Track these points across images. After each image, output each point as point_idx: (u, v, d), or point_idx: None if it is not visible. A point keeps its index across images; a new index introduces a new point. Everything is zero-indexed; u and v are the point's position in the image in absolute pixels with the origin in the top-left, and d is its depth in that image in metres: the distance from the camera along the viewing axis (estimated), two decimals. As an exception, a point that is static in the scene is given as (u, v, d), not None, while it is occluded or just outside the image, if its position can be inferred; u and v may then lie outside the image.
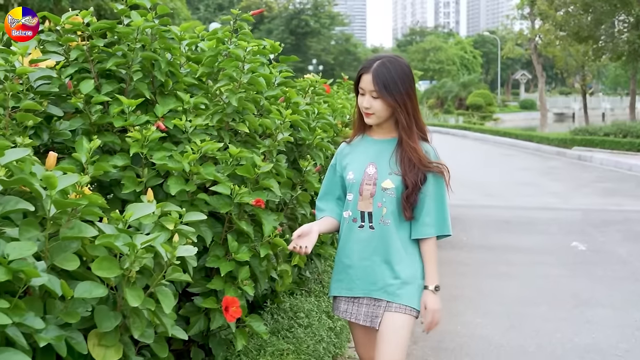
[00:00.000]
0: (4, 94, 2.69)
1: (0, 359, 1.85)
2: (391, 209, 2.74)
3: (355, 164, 2.84)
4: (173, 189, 2.88)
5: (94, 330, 2.30)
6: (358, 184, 2.78)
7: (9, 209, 2.10)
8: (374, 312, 2.78)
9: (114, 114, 3.11)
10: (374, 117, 2.76)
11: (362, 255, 2.78)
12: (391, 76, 2.68)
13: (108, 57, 3.33)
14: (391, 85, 2.67)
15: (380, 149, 2.83)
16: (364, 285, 2.79)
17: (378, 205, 2.75)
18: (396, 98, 2.68)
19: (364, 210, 2.77)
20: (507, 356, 4.72)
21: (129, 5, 3.47)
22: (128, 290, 2.26)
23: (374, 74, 2.68)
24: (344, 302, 2.87)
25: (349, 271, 2.82)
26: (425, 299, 2.78)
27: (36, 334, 2.03)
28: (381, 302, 2.76)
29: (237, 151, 3.08)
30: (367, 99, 2.72)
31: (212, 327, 2.95)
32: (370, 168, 2.79)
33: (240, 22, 3.57)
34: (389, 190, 2.74)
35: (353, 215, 2.80)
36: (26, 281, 2.02)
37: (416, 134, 2.76)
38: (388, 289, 2.75)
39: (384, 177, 2.75)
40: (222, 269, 2.91)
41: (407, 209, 2.73)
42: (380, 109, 2.72)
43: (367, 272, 2.78)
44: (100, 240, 2.25)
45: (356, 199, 2.79)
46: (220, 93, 3.39)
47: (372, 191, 2.76)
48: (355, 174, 2.80)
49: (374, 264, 2.76)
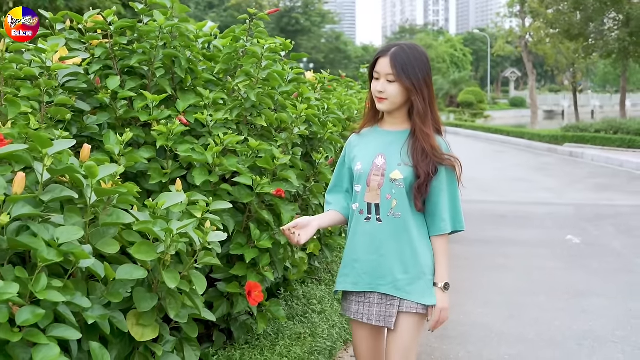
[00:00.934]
0: (39, 90, 2.82)
1: (55, 334, 2.00)
2: (401, 201, 2.64)
3: (364, 154, 2.74)
4: (198, 180, 3.03)
5: (132, 310, 2.45)
6: (366, 174, 2.69)
7: (55, 197, 2.24)
8: (386, 311, 2.67)
9: (138, 108, 3.25)
10: (386, 103, 2.65)
11: (369, 248, 2.69)
12: (409, 60, 2.59)
13: (130, 55, 3.48)
14: (409, 68, 2.58)
15: (391, 140, 2.72)
16: (371, 280, 2.68)
17: (387, 197, 2.64)
18: (413, 82, 2.59)
19: (371, 202, 2.68)
20: (508, 343, 4.88)
21: (148, 5, 3.61)
22: (165, 273, 2.40)
23: (392, 57, 2.60)
24: (355, 303, 2.74)
25: (355, 265, 2.72)
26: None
27: (84, 312, 2.18)
28: (393, 300, 2.66)
29: (257, 144, 3.22)
30: (381, 83, 2.62)
31: (235, 311, 3.10)
32: (378, 159, 2.69)
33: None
34: (398, 181, 2.63)
35: (360, 207, 2.71)
36: (75, 263, 2.17)
37: (431, 123, 2.66)
38: (397, 284, 2.65)
39: (393, 167, 2.65)
40: (246, 255, 3.06)
41: (418, 199, 2.63)
42: (395, 94, 2.61)
43: (373, 266, 2.68)
44: (139, 226, 2.39)
45: (364, 191, 2.69)
46: (238, 89, 3.53)
47: (380, 182, 2.66)
48: (364, 164, 2.71)
49: (382, 257, 2.66)
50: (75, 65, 3.22)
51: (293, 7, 77.09)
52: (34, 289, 1.97)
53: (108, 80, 3.25)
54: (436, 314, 2.67)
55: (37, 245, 2.02)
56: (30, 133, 2.22)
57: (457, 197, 2.75)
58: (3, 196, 2.00)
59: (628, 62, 26.80)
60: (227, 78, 3.64)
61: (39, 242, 2.03)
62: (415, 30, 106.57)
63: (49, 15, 3.63)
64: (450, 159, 2.69)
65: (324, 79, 4.48)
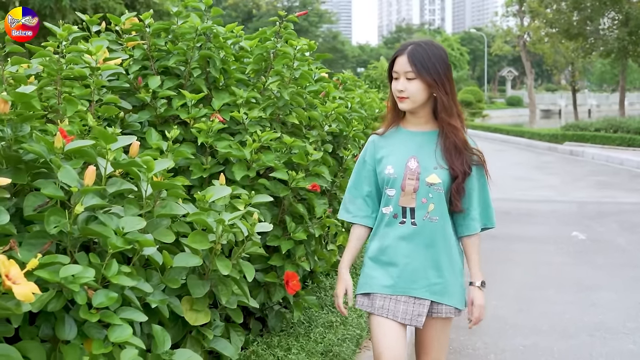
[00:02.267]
0: (90, 89, 2.97)
1: (124, 316, 2.14)
2: (438, 204, 2.61)
3: (394, 157, 2.67)
4: (238, 175, 3.18)
5: (186, 296, 2.60)
6: (400, 179, 2.62)
7: (118, 189, 2.40)
8: (415, 310, 2.63)
9: (177, 107, 3.40)
10: (408, 102, 2.60)
11: (404, 252, 2.63)
12: (427, 56, 2.56)
13: (166, 55, 3.63)
14: (428, 64, 2.55)
15: (421, 141, 2.67)
16: (405, 284, 2.63)
17: (422, 201, 2.60)
18: (434, 77, 2.55)
19: (406, 205, 2.63)
20: (522, 334, 5.04)
21: (184, 6, 3.76)
22: (218, 261, 2.56)
23: (410, 54, 2.57)
24: (380, 298, 2.67)
25: (389, 269, 2.66)
26: (472, 295, 2.71)
27: (147, 297, 2.33)
28: (424, 301, 2.63)
29: (291, 141, 3.38)
30: (401, 82, 2.58)
31: (272, 299, 3.25)
32: (411, 162, 2.63)
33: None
34: (436, 186, 2.60)
35: (394, 211, 2.65)
36: (139, 251, 2.32)
37: (456, 116, 2.64)
38: (433, 288, 2.62)
39: (429, 171, 2.61)
40: (283, 247, 3.21)
41: (458, 200, 2.62)
42: (416, 92, 2.57)
43: (408, 270, 2.63)
44: (192, 217, 2.54)
45: (398, 195, 2.63)
46: (270, 88, 3.68)
47: (416, 186, 2.60)
48: (396, 168, 2.64)
49: (417, 261, 2.62)
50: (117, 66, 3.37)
51: (291, 7, 77.21)
52: (107, 274, 2.12)
53: (149, 80, 3.39)
54: (477, 311, 2.69)
55: (108, 233, 2.17)
56: (95, 130, 2.36)
57: (488, 194, 2.74)
58: (77, 188, 2.14)
59: (627, 62, 26.98)
60: (261, 77, 3.78)
61: (109, 230, 2.18)
62: (412, 30, 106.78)
63: (85, 17, 3.76)
64: (479, 154, 2.69)
65: (347, 79, 4.63)
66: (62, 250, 2.25)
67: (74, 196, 2.18)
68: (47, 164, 2.32)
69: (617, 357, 4.56)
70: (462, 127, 2.69)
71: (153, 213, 2.53)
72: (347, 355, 3.49)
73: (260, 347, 3.24)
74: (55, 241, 2.19)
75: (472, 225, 2.70)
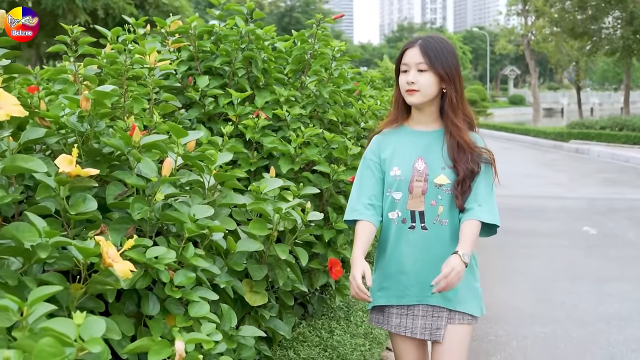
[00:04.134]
0: (148, 88, 3.18)
1: (198, 294, 2.35)
2: (448, 206, 2.51)
3: (400, 158, 2.58)
4: (284, 168, 3.40)
5: (246, 279, 2.82)
6: (407, 181, 2.52)
7: (187, 180, 2.61)
8: (434, 324, 2.54)
9: (223, 104, 3.62)
10: (418, 95, 2.49)
11: (416, 258, 2.53)
12: (440, 48, 2.48)
13: (211, 56, 3.84)
14: (441, 56, 2.47)
15: (427, 141, 2.58)
16: (419, 292, 2.53)
17: (432, 203, 2.50)
18: (446, 70, 2.47)
19: (415, 209, 2.52)
20: (540, 323, 5.25)
21: (225, 10, 3.98)
22: (277, 246, 2.77)
23: (422, 45, 2.48)
24: (396, 315, 2.58)
25: (401, 277, 2.56)
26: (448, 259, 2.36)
27: (215, 278, 2.54)
28: (442, 312, 2.53)
29: (331, 136, 3.59)
30: (412, 74, 2.48)
31: (316, 285, 3.47)
32: (419, 163, 2.54)
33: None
34: (445, 187, 2.50)
35: (403, 216, 2.54)
36: (208, 235, 2.53)
37: (462, 117, 2.54)
38: (447, 295, 2.50)
39: (437, 172, 2.51)
40: (325, 235, 3.43)
41: (459, 197, 2.48)
42: (427, 84, 2.48)
43: (421, 277, 2.51)
44: (252, 206, 2.76)
45: (405, 198, 2.53)
46: (307, 87, 3.90)
47: (424, 188, 2.50)
48: (402, 169, 2.54)
49: (430, 267, 2.48)
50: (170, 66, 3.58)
51: (293, 7, 77.44)
52: (186, 256, 2.33)
53: (198, 79, 3.61)
54: (447, 269, 2.31)
55: (185, 218, 2.38)
56: (169, 125, 2.57)
57: (493, 194, 2.57)
58: (156, 178, 2.36)
59: (632, 61, 27.17)
60: (301, 77, 3.99)
61: (185, 217, 2.39)
62: (414, 29, 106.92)
63: (132, 20, 3.97)
64: (489, 152, 2.57)
65: (375, 78, 4.85)
66: (139, 234, 2.46)
67: (153, 185, 2.39)
68: (122, 157, 2.54)
69: (634, 344, 4.77)
70: (470, 127, 2.59)
71: (215, 202, 2.75)
72: (382, 339, 3.71)
73: (307, 329, 3.46)
74: (136, 226, 2.40)
75: (478, 211, 2.46)
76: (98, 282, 2.01)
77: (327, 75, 3.85)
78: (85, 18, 20.14)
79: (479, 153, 2.53)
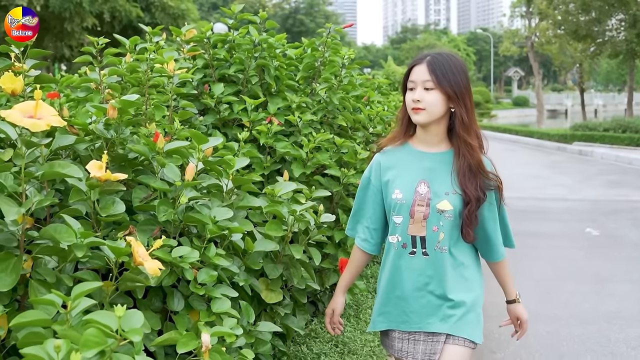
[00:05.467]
0: (168, 96, 3.33)
1: (219, 292, 2.50)
2: (448, 233, 2.43)
3: (402, 180, 2.49)
4: (296, 172, 3.55)
5: (262, 278, 2.97)
6: (408, 205, 2.44)
7: (207, 184, 2.76)
8: (432, 349, 2.48)
9: (238, 111, 3.77)
10: (424, 114, 2.40)
11: (416, 285, 2.47)
12: (449, 66, 2.40)
13: (225, 64, 4.00)
14: (449, 74, 2.38)
15: (431, 163, 2.48)
16: (420, 319, 2.48)
17: (433, 229, 2.42)
18: (454, 89, 2.38)
19: (416, 234, 2.44)
20: (543, 321, 5.40)
21: (237, 20, 4.13)
22: (292, 246, 2.92)
23: (429, 63, 2.40)
24: (398, 340, 2.55)
25: (401, 303, 2.51)
26: (517, 311, 2.75)
27: (234, 276, 2.69)
28: (440, 337, 2.47)
29: (341, 141, 3.75)
30: (418, 92, 2.39)
31: (327, 284, 3.62)
32: (421, 187, 2.45)
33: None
34: (447, 213, 2.41)
35: (403, 241, 2.47)
36: (228, 236, 2.68)
37: (474, 135, 2.45)
38: (448, 321, 2.45)
39: (440, 197, 2.42)
40: (335, 236, 3.58)
41: (470, 228, 2.43)
42: (433, 103, 2.38)
43: (422, 304, 2.47)
44: (268, 208, 2.91)
45: (406, 222, 2.45)
46: (319, 93, 4.05)
47: (426, 213, 2.42)
48: (404, 193, 2.46)
49: (430, 294, 2.46)
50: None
51: (297, 8, 77.71)
52: (208, 255, 2.48)
53: (213, 87, 3.77)
54: (525, 325, 2.76)
55: (207, 220, 2.53)
56: (190, 131, 2.72)
57: (505, 217, 2.61)
58: (179, 182, 2.51)
59: (635, 62, 27.29)
60: (311, 83, 4.14)
61: (207, 218, 2.54)
62: (418, 30, 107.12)
63: (148, 29, 4.11)
64: (496, 178, 2.48)
65: (382, 84, 5.01)
66: (163, 235, 2.61)
67: (177, 189, 2.54)
68: (146, 162, 2.69)
69: (634, 342, 4.91)
70: (481, 146, 2.49)
71: (233, 205, 2.90)
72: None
73: (318, 326, 3.62)
74: (161, 228, 2.55)
75: (498, 252, 2.58)
76: (129, 279, 2.16)
77: (337, 82, 4.00)
78: (93, 21, 20.33)
79: (488, 178, 2.45)
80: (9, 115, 2.01)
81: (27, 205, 2.02)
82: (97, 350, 1.56)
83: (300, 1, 78.18)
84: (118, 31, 21.61)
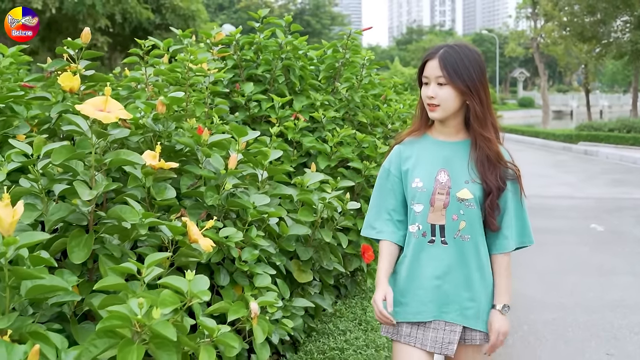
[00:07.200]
0: (204, 94, 3.62)
1: (258, 269, 2.77)
2: (470, 222, 2.41)
3: (422, 169, 2.47)
4: (322, 164, 3.83)
5: (294, 260, 3.25)
6: (429, 193, 2.42)
7: (246, 173, 3.05)
8: (446, 338, 2.43)
9: (266, 108, 4.06)
10: (439, 110, 2.39)
11: (434, 274, 2.43)
12: (461, 60, 2.36)
13: (253, 64, 4.28)
14: (461, 69, 2.35)
15: (451, 152, 2.47)
16: (436, 308, 2.43)
17: (453, 217, 2.40)
18: (467, 84, 2.35)
19: (435, 222, 2.42)
20: (549, 310, 5.67)
21: (264, 23, 4.42)
22: (322, 231, 3.21)
23: (441, 58, 2.36)
24: (407, 325, 2.47)
25: (418, 292, 2.45)
26: (492, 318, 2.45)
27: (272, 257, 2.97)
28: (456, 327, 2.43)
29: (362, 136, 4.03)
30: (432, 88, 2.37)
31: (350, 269, 3.90)
32: (441, 175, 2.43)
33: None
34: (468, 202, 2.39)
35: (423, 229, 2.44)
36: (266, 220, 2.97)
37: (490, 127, 2.42)
38: (465, 313, 2.42)
39: (460, 185, 2.40)
40: (358, 224, 3.85)
41: (494, 218, 2.41)
42: (447, 99, 2.36)
43: (439, 293, 2.43)
44: (300, 196, 3.19)
45: (426, 211, 2.43)
46: (340, 92, 4.34)
47: (446, 202, 2.40)
48: (425, 181, 2.43)
49: (448, 283, 2.42)
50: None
51: (303, 9, 78.01)
52: (251, 236, 2.76)
53: (243, 85, 4.05)
54: (494, 336, 2.42)
55: (248, 205, 2.82)
56: (232, 125, 3.01)
57: (524, 210, 2.52)
58: (224, 170, 2.80)
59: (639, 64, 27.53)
60: (333, 82, 4.43)
61: (248, 203, 2.83)
62: (424, 31, 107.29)
63: (179, 32, 4.39)
64: (515, 168, 2.48)
65: (398, 84, 5.29)
66: (208, 218, 2.90)
67: (221, 177, 2.83)
68: (189, 153, 2.98)
69: (636, 328, 5.18)
70: (497, 138, 2.47)
71: (267, 193, 3.18)
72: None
73: (342, 307, 3.90)
74: (207, 212, 2.84)
75: (505, 243, 2.47)
76: (184, 254, 2.45)
77: (357, 82, 4.28)
78: (105, 22, 20.65)
79: (507, 167, 2.44)
80: (82, 109, 2.29)
81: (98, 187, 2.30)
82: (172, 308, 1.85)
83: (306, 2, 78.42)
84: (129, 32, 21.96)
